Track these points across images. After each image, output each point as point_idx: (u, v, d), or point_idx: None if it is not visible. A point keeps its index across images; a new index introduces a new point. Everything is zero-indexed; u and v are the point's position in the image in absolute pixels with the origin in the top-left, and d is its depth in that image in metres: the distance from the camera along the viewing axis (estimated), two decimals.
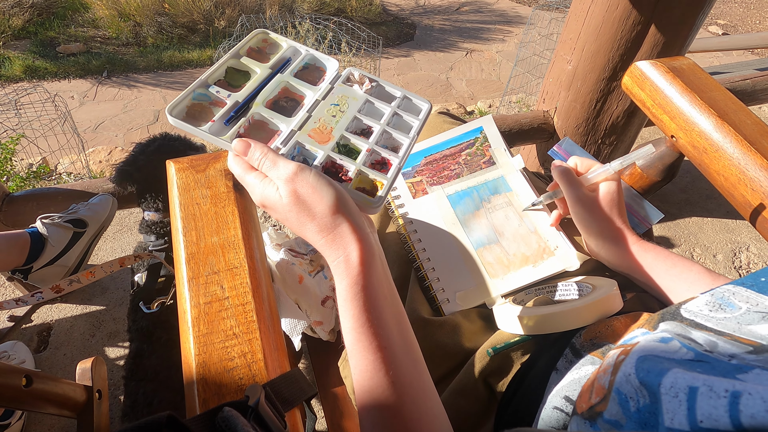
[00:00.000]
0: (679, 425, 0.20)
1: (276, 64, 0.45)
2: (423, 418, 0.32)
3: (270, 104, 0.42)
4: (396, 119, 0.44)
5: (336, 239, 0.34)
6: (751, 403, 0.18)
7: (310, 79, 0.45)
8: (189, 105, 0.41)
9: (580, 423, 0.26)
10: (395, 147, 0.42)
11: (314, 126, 0.41)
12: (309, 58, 0.46)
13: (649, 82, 0.67)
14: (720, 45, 2.15)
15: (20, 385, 0.66)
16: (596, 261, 0.57)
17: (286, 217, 0.35)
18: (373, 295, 0.33)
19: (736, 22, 4.46)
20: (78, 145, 1.85)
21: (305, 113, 0.42)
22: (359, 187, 0.39)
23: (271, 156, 0.35)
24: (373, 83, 0.45)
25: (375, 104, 0.44)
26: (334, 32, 2.45)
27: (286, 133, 0.40)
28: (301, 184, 0.34)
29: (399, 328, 0.34)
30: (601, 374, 0.26)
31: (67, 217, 1.00)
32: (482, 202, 0.61)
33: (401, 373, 0.32)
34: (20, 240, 0.94)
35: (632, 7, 1.03)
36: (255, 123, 0.41)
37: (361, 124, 0.43)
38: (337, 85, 0.44)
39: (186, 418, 0.31)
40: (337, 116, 0.42)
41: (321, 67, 0.47)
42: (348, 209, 0.34)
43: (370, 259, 0.34)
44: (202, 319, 0.39)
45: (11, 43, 3.21)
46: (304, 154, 0.40)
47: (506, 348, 0.45)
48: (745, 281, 0.26)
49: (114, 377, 1.02)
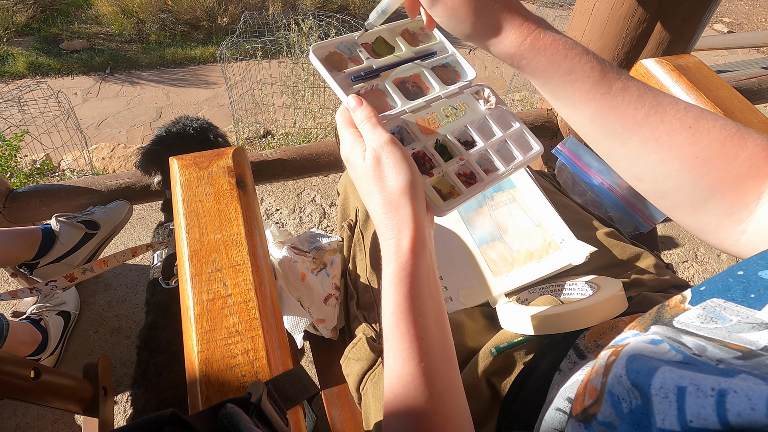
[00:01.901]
0: (670, 425, 0.20)
1: (421, 51, 0.46)
2: (448, 414, 0.32)
3: (398, 82, 0.44)
4: (502, 146, 0.44)
5: (394, 218, 0.34)
6: (736, 401, 0.19)
7: (443, 77, 0.46)
8: (331, 51, 0.43)
9: (575, 425, 0.26)
10: (488, 170, 0.42)
11: (425, 116, 0.42)
12: (452, 59, 0.48)
13: (655, 80, 0.67)
14: (725, 43, 2.14)
15: (28, 377, 0.66)
16: (603, 259, 0.56)
17: (359, 178, 0.36)
18: (417, 285, 0.33)
19: (741, 20, 4.43)
20: (81, 142, 1.86)
21: (424, 102, 0.43)
22: (437, 187, 0.39)
23: (374, 120, 0.36)
24: (499, 105, 0.46)
25: (490, 124, 0.44)
26: (337, 29, 2.45)
27: (398, 110, 0.42)
28: (386, 154, 0.34)
29: (437, 323, 0.34)
30: (594, 376, 0.26)
31: (81, 217, 1.03)
32: (485, 199, 0.61)
33: (433, 367, 0.32)
34: (32, 235, 0.97)
35: (638, 5, 1.03)
36: (376, 91, 0.43)
37: (468, 134, 0.44)
38: (465, 92, 0.45)
39: (189, 415, 0.31)
40: (450, 117, 0.43)
41: (459, 72, 0.48)
42: (417, 196, 0.35)
43: (421, 249, 0.34)
44: (204, 316, 0.39)
45: (15, 40, 3.22)
46: (404, 135, 0.42)
47: (509, 348, 0.45)
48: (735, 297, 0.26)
49: (117, 373, 1.02)
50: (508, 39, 0.35)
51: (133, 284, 1.19)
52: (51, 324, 0.98)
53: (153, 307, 0.80)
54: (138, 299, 1.16)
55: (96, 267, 0.66)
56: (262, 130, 2.30)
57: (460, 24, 0.36)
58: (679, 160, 0.33)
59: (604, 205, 0.85)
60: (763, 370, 0.20)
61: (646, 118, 0.34)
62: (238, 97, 2.42)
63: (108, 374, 0.88)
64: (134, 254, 0.71)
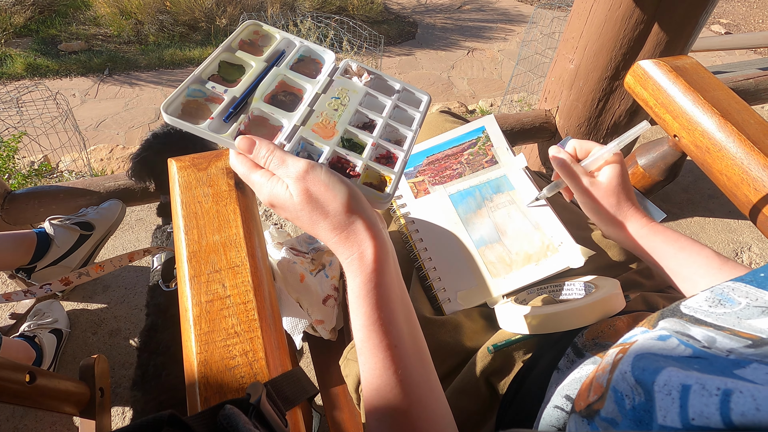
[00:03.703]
0: (671, 423, 0.20)
1: (271, 56, 0.43)
2: (430, 417, 0.32)
3: (269, 99, 0.41)
4: (397, 112, 0.44)
5: (350, 237, 0.33)
6: (741, 401, 0.19)
7: (306, 72, 0.44)
8: (184, 102, 0.39)
9: (578, 421, 0.26)
10: (398, 140, 0.42)
11: (317, 120, 0.40)
12: (304, 50, 0.45)
13: (652, 81, 0.67)
14: (723, 44, 2.15)
15: (24, 381, 0.66)
16: (600, 260, 0.57)
17: (297, 216, 0.34)
18: (385, 294, 0.33)
19: (738, 21, 4.44)
20: (79, 143, 1.85)
21: (307, 107, 0.41)
22: (367, 182, 0.38)
23: (278, 153, 0.35)
24: (372, 75, 0.45)
25: (376, 97, 0.44)
26: (336, 30, 2.45)
27: (289, 128, 0.39)
28: (312, 183, 0.33)
29: (409, 328, 0.34)
30: (600, 373, 0.26)
31: (75, 219, 1.03)
32: (484, 200, 0.61)
33: (410, 373, 0.32)
34: (27, 239, 0.97)
35: (635, 6, 1.03)
36: (255, 119, 0.40)
37: (364, 117, 0.42)
38: (336, 77, 0.44)
39: (187, 416, 0.31)
40: (339, 110, 0.41)
41: (317, 59, 0.46)
42: (361, 206, 0.34)
43: (384, 257, 0.33)
44: (203, 318, 0.39)
45: (13, 41, 3.21)
46: (309, 150, 0.39)
47: (507, 345, 0.45)
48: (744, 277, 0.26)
49: (116, 375, 1.02)
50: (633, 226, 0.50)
51: (132, 286, 1.19)
52: (45, 342, 0.98)
53: (153, 309, 0.80)
54: (137, 301, 1.16)
55: (92, 271, 0.66)
56: None
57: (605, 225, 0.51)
58: None
59: None
60: None
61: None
62: None
63: (105, 375, 0.88)
64: (131, 259, 0.71)
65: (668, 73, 0.66)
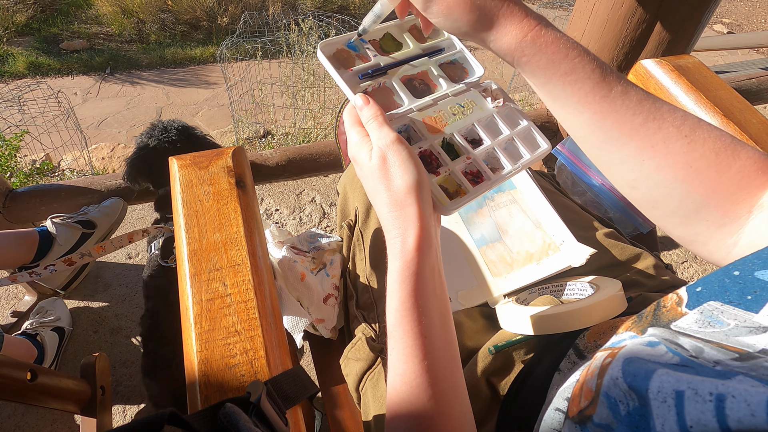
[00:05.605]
0: (670, 430, 0.20)
1: (429, 48, 0.46)
2: (451, 413, 0.32)
3: (405, 80, 0.44)
4: (510, 144, 0.44)
5: (400, 217, 0.34)
6: (736, 407, 0.19)
7: (451, 75, 0.46)
8: (339, 49, 0.43)
9: (572, 427, 0.26)
10: (495, 168, 0.42)
11: (432, 114, 0.42)
12: (459, 56, 0.47)
13: (654, 80, 0.67)
14: (725, 44, 2.14)
15: (25, 379, 0.66)
16: (601, 259, 0.56)
17: (366, 177, 0.36)
18: (422, 283, 0.33)
19: (741, 21, 4.43)
20: (81, 142, 1.86)
21: (430, 100, 0.43)
22: (443, 186, 0.39)
23: (380, 119, 0.36)
24: (506, 103, 0.45)
25: (498, 122, 0.44)
26: (337, 29, 2.45)
27: (405, 109, 0.42)
28: (392, 154, 0.35)
29: (442, 322, 0.34)
30: (589, 377, 0.26)
31: (77, 217, 1.03)
32: (485, 200, 0.61)
33: (437, 365, 0.32)
34: (29, 238, 0.97)
35: (637, 5, 1.03)
36: (383, 89, 0.43)
37: (475, 133, 0.43)
38: (472, 90, 0.45)
39: (188, 414, 0.31)
40: (457, 115, 0.43)
41: (466, 69, 0.47)
42: (423, 196, 0.34)
43: (426, 248, 0.34)
44: (204, 316, 0.39)
45: (15, 40, 3.22)
46: (410, 134, 0.41)
47: (508, 346, 0.45)
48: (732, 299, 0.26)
49: (117, 373, 1.02)
50: (508, 34, 0.34)
51: (133, 284, 1.19)
52: (47, 339, 0.98)
53: (153, 291, 0.82)
54: (138, 299, 1.16)
55: (94, 252, 0.67)
56: (261, 130, 2.30)
57: (456, 23, 0.35)
58: (673, 168, 0.32)
59: (603, 206, 0.85)
60: (760, 371, 0.20)
61: (643, 124, 0.33)
62: (238, 97, 2.42)
63: (106, 373, 0.88)
64: (131, 239, 0.72)
65: (670, 72, 0.65)
